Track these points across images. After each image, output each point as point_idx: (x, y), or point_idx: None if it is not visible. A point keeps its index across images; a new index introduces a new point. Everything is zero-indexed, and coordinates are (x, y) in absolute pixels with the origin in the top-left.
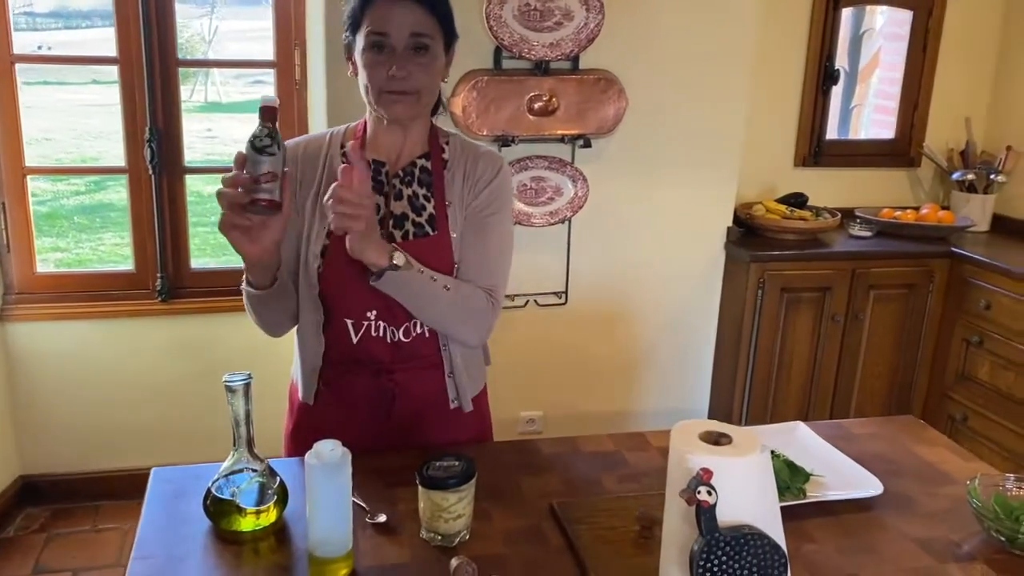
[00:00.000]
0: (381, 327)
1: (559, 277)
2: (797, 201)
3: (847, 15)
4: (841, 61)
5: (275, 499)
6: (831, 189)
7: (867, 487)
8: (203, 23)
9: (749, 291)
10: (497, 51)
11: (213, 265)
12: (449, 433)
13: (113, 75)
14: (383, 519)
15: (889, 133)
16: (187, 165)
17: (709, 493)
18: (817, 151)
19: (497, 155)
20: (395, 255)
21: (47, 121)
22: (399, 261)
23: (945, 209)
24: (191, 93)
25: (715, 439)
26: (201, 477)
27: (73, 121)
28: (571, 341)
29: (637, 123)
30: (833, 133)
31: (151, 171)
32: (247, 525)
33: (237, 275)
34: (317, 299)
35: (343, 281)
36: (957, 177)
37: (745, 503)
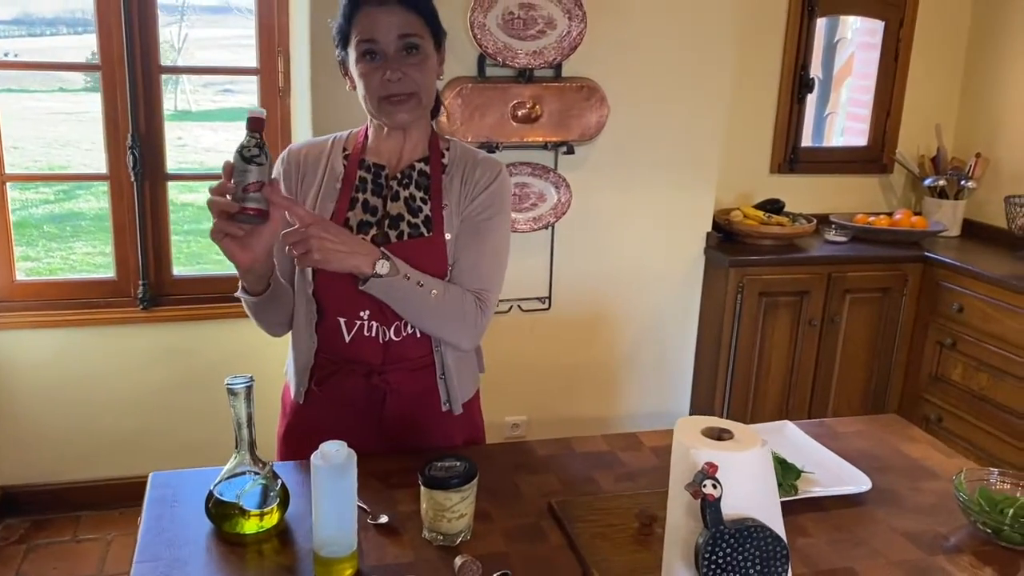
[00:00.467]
0: (374, 327)
1: (543, 282)
2: (774, 207)
3: (821, 24)
4: (815, 70)
5: (277, 501)
6: (806, 195)
7: (856, 483)
8: (172, 31)
9: (728, 295)
10: (481, 59)
11: (195, 273)
12: (441, 436)
13: (80, 83)
14: (385, 520)
15: (862, 140)
16: (169, 172)
17: (714, 487)
18: (792, 158)
19: (496, 161)
20: (378, 263)
21: (12, 129)
22: (382, 270)
23: (917, 215)
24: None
25: (717, 434)
26: (199, 481)
27: (41, 129)
28: (554, 346)
29: (619, 130)
30: (808, 140)
31: (133, 178)
32: (250, 527)
33: (219, 283)
34: (311, 297)
35: (337, 280)
36: (929, 183)
37: (747, 496)
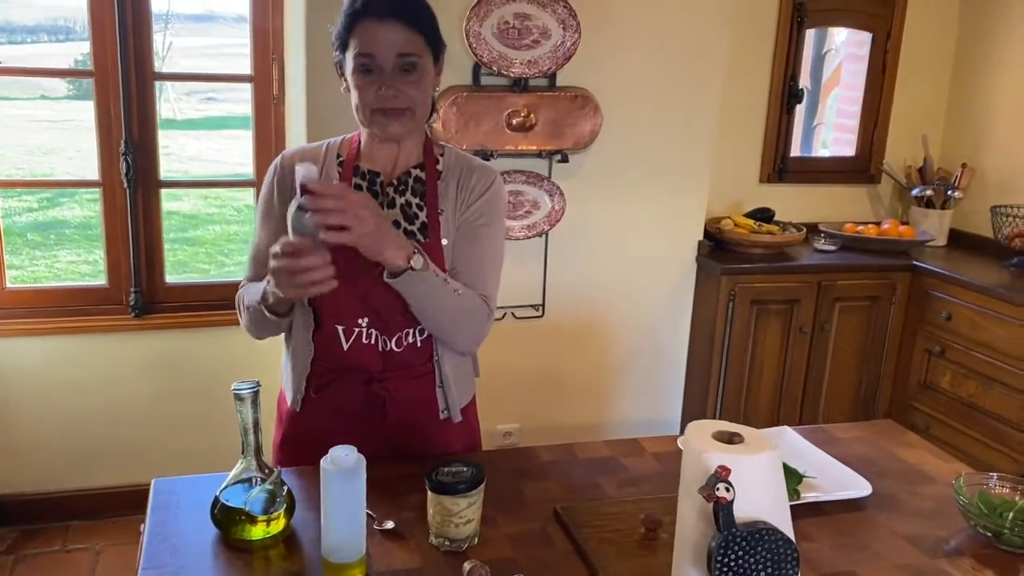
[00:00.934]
0: (373, 335)
1: (536, 290)
2: (764, 216)
3: (810, 36)
4: (804, 81)
5: (284, 507)
6: (795, 205)
7: (856, 488)
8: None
9: (720, 303)
10: (476, 68)
11: (188, 280)
12: (439, 443)
13: (62, 91)
14: (391, 525)
15: (850, 150)
16: (162, 179)
17: (727, 490)
18: (782, 168)
19: (491, 168)
20: (413, 258)
21: None
22: (417, 264)
23: (905, 224)
24: None
25: (728, 438)
26: (202, 486)
27: (22, 137)
28: (548, 353)
29: (612, 139)
30: (797, 150)
31: (126, 184)
32: (257, 533)
33: (212, 290)
34: (308, 305)
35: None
36: (916, 193)
37: (759, 500)
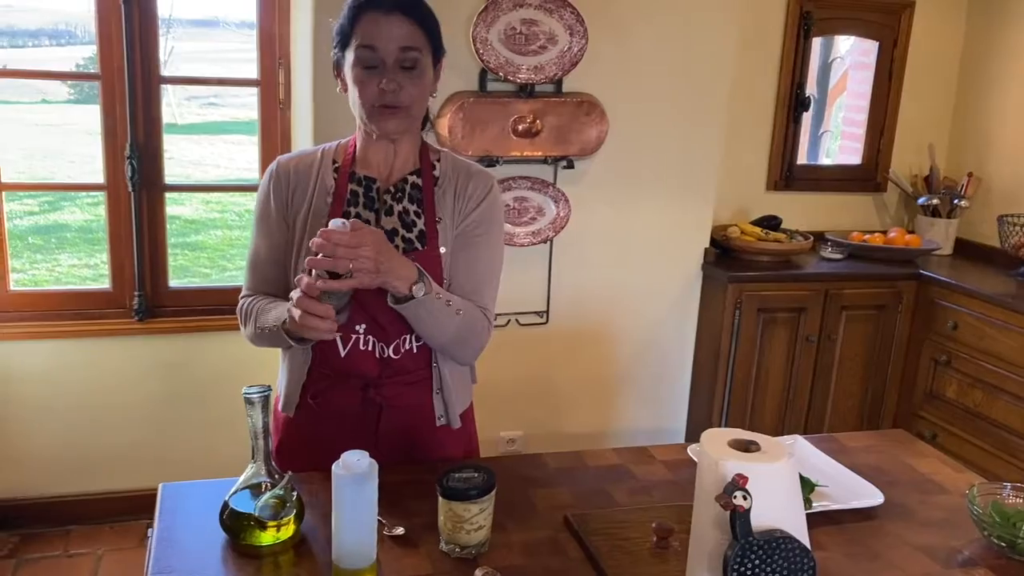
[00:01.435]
0: (371, 341)
1: (540, 297)
2: (771, 224)
3: (817, 44)
4: (811, 89)
5: (294, 512)
6: (802, 213)
7: (869, 497)
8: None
9: (727, 311)
10: (483, 73)
11: (192, 284)
12: (438, 449)
13: (63, 95)
14: (401, 531)
15: (856, 159)
16: (167, 183)
17: (744, 498)
18: (788, 175)
19: (488, 174)
20: (415, 287)
21: None
22: (418, 293)
23: (911, 233)
24: None
25: (744, 446)
26: (211, 491)
27: (23, 140)
28: (552, 360)
29: (618, 146)
30: (803, 158)
31: (131, 188)
32: (266, 539)
33: (215, 295)
34: None
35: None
36: (922, 202)
37: (775, 508)
